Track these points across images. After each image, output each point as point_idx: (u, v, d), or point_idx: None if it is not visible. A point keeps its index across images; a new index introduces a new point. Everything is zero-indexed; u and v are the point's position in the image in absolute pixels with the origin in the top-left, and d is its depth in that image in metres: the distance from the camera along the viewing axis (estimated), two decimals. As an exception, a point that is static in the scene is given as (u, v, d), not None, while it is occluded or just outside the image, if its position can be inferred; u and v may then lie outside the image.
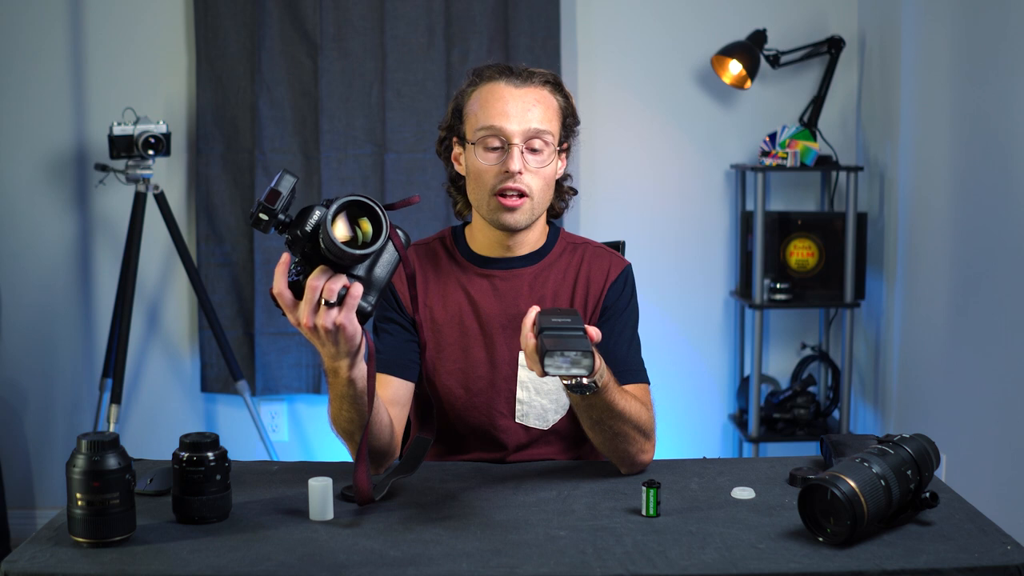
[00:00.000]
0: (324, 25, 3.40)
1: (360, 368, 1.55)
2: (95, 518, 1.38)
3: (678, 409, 3.59)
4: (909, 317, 3.17)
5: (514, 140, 1.78)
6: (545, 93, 1.83)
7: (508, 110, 1.79)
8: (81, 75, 3.47)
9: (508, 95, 1.80)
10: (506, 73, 1.82)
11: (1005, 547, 1.39)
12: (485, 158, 1.80)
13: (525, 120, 1.79)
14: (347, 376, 1.55)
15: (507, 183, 1.78)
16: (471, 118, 1.83)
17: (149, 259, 3.44)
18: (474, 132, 1.81)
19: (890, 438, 1.48)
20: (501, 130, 1.78)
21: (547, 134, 1.80)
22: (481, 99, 1.82)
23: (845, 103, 3.57)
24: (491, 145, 1.79)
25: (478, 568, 1.34)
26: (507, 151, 1.78)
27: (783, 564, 1.34)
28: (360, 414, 1.60)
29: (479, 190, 1.82)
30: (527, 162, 1.79)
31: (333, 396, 1.61)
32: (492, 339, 1.85)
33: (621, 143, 3.57)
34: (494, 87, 1.81)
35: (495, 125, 1.78)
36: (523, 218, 1.81)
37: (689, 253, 3.63)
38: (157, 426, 3.57)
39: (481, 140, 1.80)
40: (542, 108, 1.81)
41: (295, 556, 1.37)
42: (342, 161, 3.45)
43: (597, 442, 1.71)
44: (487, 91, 1.82)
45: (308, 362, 3.52)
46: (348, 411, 1.61)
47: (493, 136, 1.79)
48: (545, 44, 3.43)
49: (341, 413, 1.62)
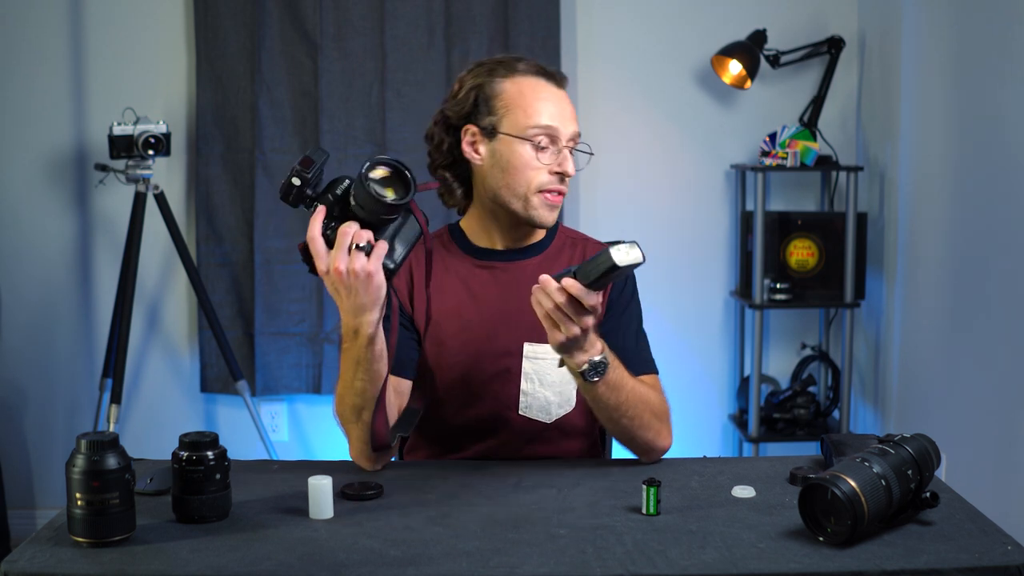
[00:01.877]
0: (324, 25, 3.40)
1: (379, 328, 1.60)
2: (95, 518, 1.38)
3: (678, 409, 3.54)
4: (909, 317, 3.17)
5: (565, 142, 1.81)
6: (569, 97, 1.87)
7: (561, 111, 1.81)
8: (81, 75, 3.47)
9: (555, 96, 1.82)
10: (540, 71, 1.83)
11: (1005, 547, 1.39)
12: (535, 156, 1.80)
13: (572, 123, 1.83)
14: (368, 333, 1.59)
15: (557, 184, 1.81)
16: (516, 113, 1.79)
17: (149, 259, 3.44)
18: (524, 128, 1.79)
19: (891, 438, 1.48)
20: (556, 131, 1.80)
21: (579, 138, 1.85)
22: (524, 94, 1.80)
23: (845, 103, 3.57)
24: (541, 144, 1.80)
25: (478, 568, 1.34)
26: (559, 152, 1.80)
27: (783, 564, 1.34)
28: (373, 384, 1.64)
29: (518, 185, 1.80)
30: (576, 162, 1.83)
31: (348, 364, 1.63)
32: (495, 331, 1.85)
33: (621, 143, 3.57)
34: (536, 84, 1.82)
35: (552, 125, 1.79)
36: (557, 215, 1.85)
37: (689, 253, 3.63)
38: (157, 426, 3.56)
39: (533, 136, 1.79)
40: (575, 111, 1.85)
41: (295, 556, 1.37)
42: (342, 161, 3.45)
43: (616, 432, 1.73)
44: (529, 87, 1.81)
45: (308, 362, 3.52)
46: (361, 380, 1.63)
47: (546, 134, 1.79)
48: (545, 44, 3.42)
49: (353, 385, 1.64)
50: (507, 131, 1.80)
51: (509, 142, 1.80)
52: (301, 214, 3.52)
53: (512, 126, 1.80)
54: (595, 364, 1.62)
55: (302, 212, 1.60)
